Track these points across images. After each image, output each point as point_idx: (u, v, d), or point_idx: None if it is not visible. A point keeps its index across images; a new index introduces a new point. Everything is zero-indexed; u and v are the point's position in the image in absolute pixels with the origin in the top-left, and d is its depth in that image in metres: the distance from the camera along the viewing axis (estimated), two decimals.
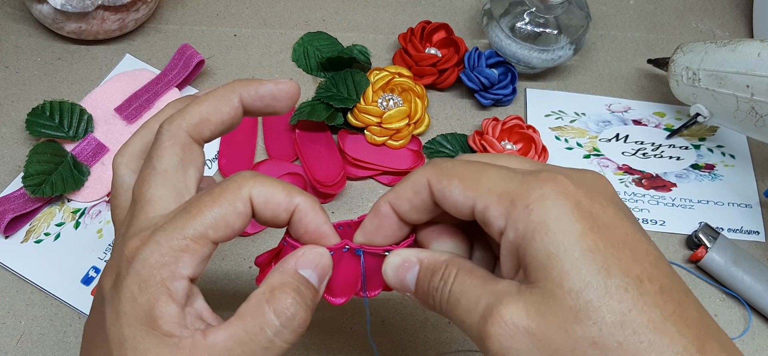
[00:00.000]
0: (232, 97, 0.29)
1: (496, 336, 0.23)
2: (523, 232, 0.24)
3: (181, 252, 0.25)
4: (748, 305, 0.44)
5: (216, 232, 0.25)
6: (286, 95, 0.30)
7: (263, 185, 0.26)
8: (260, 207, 0.26)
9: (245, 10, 0.56)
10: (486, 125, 0.48)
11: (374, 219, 0.29)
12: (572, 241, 0.23)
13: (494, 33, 0.51)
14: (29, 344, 0.40)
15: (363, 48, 0.52)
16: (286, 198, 0.27)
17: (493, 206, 0.25)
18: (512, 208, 0.24)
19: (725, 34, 0.58)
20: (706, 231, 0.45)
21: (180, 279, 0.24)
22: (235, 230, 0.26)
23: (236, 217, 0.26)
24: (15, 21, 0.53)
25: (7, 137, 0.47)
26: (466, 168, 0.26)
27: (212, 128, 0.29)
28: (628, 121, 0.52)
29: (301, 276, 0.27)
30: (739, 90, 0.44)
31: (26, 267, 0.42)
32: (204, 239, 0.25)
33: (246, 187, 0.26)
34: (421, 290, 0.27)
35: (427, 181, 0.27)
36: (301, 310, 0.26)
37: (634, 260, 0.23)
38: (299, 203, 0.27)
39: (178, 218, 0.25)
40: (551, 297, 0.23)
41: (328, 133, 0.48)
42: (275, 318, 0.25)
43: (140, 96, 0.48)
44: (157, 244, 0.24)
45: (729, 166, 0.50)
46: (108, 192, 0.45)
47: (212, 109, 0.28)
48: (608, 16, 0.59)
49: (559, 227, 0.23)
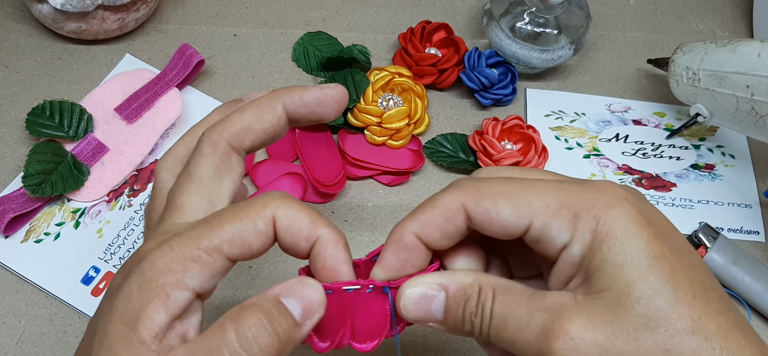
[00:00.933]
0: (276, 105, 0.28)
1: (561, 351, 0.22)
2: (591, 243, 0.23)
3: (192, 262, 0.24)
4: (748, 305, 0.44)
5: (231, 248, 0.24)
6: (332, 99, 0.29)
7: (290, 207, 0.25)
8: (282, 230, 0.25)
9: (245, 10, 0.56)
10: (486, 125, 0.48)
11: (399, 253, 0.26)
12: (640, 250, 0.23)
13: (494, 33, 0.51)
14: (29, 344, 0.40)
15: (363, 48, 0.52)
16: (310, 225, 0.25)
17: (554, 221, 0.24)
18: (577, 220, 0.24)
19: (725, 34, 0.58)
20: (706, 231, 0.45)
21: (184, 288, 0.23)
22: (252, 249, 0.25)
23: (255, 236, 0.24)
24: (15, 21, 0.53)
25: (7, 136, 0.47)
26: (507, 186, 0.25)
27: (254, 138, 0.28)
28: (628, 121, 0.52)
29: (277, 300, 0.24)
30: (739, 90, 0.44)
31: (26, 267, 0.42)
32: (217, 252, 0.24)
33: (271, 206, 0.25)
34: (451, 319, 0.25)
35: (463, 205, 0.25)
36: (264, 334, 0.23)
37: (694, 267, 0.23)
38: (323, 234, 0.25)
39: (198, 228, 0.24)
40: (618, 306, 0.22)
41: (328, 133, 0.48)
42: (235, 338, 0.23)
43: (140, 96, 0.48)
44: (170, 248, 0.24)
45: (729, 166, 0.50)
46: (108, 192, 0.45)
47: (254, 117, 0.27)
48: (608, 16, 0.59)
49: (627, 236, 0.23)
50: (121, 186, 0.46)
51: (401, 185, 0.47)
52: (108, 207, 0.45)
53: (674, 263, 0.23)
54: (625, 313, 0.22)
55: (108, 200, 0.45)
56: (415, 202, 0.46)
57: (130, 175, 0.46)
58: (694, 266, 0.23)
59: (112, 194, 0.45)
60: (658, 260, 0.22)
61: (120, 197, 0.45)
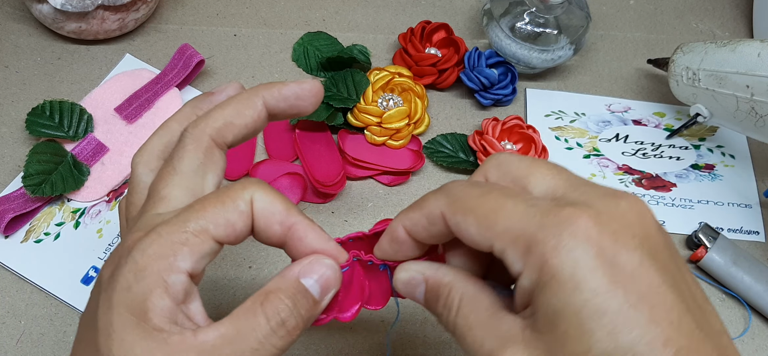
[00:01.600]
0: (256, 100, 0.29)
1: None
2: (536, 281, 0.22)
3: (181, 245, 0.24)
4: (748, 305, 0.44)
5: (217, 229, 0.25)
6: (309, 92, 0.30)
7: (266, 192, 0.26)
8: (258, 212, 0.26)
9: (245, 10, 0.56)
10: (486, 125, 0.48)
11: (392, 244, 0.28)
12: (583, 300, 0.21)
13: (494, 33, 0.51)
14: (29, 344, 0.40)
15: (363, 48, 0.52)
16: (284, 211, 0.26)
17: (509, 249, 0.23)
18: (528, 255, 0.22)
19: (725, 34, 0.58)
20: (706, 231, 0.45)
21: (178, 272, 0.24)
22: (236, 229, 0.26)
23: (238, 215, 0.26)
24: (15, 21, 0.53)
25: (7, 136, 0.47)
26: (481, 202, 0.24)
27: (235, 133, 0.29)
28: (628, 121, 0.52)
29: (300, 283, 0.26)
30: (739, 90, 0.44)
31: (26, 267, 0.42)
32: (204, 233, 0.25)
33: (249, 189, 0.26)
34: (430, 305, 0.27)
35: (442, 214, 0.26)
36: (292, 317, 0.25)
37: (650, 321, 0.21)
38: (298, 221, 0.27)
39: (182, 214, 0.25)
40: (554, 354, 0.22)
41: (328, 133, 0.48)
42: (266, 322, 0.25)
43: (140, 96, 0.48)
44: (158, 235, 0.24)
45: (729, 166, 0.50)
46: (108, 192, 0.45)
47: (236, 113, 0.28)
48: (608, 16, 0.59)
49: (572, 283, 0.21)
50: (121, 186, 0.46)
51: (401, 185, 0.47)
52: (108, 207, 0.45)
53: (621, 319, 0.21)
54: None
55: (108, 200, 0.45)
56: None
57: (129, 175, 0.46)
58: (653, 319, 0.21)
59: (112, 194, 0.45)
60: (600, 316, 0.21)
61: (120, 197, 0.45)
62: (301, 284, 0.26)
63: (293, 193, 0.46)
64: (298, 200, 0.46)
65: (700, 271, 0.45)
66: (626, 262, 0.21)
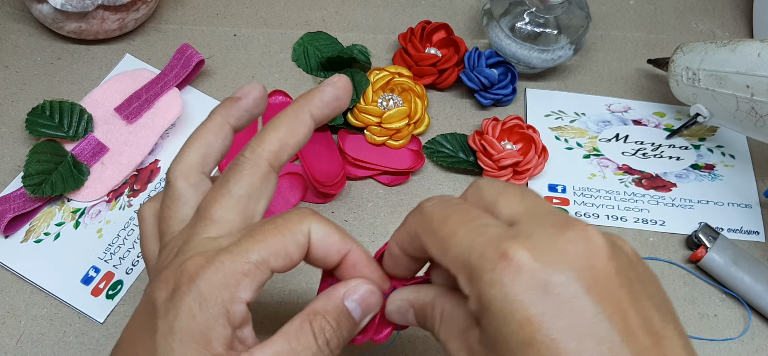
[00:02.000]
0: (304, 116, 0.30)
1: None
2: (477, 308, 0.23)
3: (243, 276, 0.25)
4: (748, 305, 0.44)
5: (276, 260, 0.26)
6: (344, 89, 0.31)
7: (322, 223, 0.27)
8: (315, 243, 0.27)
9: (245, 10, 0.56)
10: (486, 125, 0.48)
11: (390, 260, 0.29)
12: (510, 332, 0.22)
13: (494, 33, 0.51)
14: (29, 344, 0.40)
15: (363, 48, 0.52)
16: (340, 241, 0.28)
17: (459, 275, 0.24)
18: (471, 283, 0.24)
19: (725, 34, 0.58)
20: (705, 231, 0.45)
21: (240, 302, 0.25)
22: (293, 261, 0.27)
23: (296, 248, 0.27)
24: (15, 21, 0.53)
25: (7, 136, 0.47)
26: (442, 225, 0.25)
27: (290, 151, 0.29)
28: (628, 121, 0.52)
29: (344, 306, 0.28)
30: (739, 90, 0.44)
31: (26, 267, 0.42)
32: (265, 265, 0.26)
33: (307, 221, 0.27)
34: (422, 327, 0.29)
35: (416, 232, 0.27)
36: (335, 338, 0.27)
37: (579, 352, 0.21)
38: (352, 249, 0.28)
39: (243, 242, 0.26)
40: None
41: (328, 133, 0.48)
42: (313, 341, 0.26)
43: (140, 96, 0.48)
44: (221, 264, 0.25)
45: (729, 166, 0.50)
46: (108, 192, 0.45)
47: (290, 132, 0.29)
48: (608, 16, 0.59)
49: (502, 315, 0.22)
50: (121, 186, 0.46)
51: (401, 185, 0.47)
52: (108, 207, 0.45)
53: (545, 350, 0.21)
54: None
55: (108, 200, 0.45)
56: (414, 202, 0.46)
57: (130, 175, 0.46)
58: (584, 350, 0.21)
59: (112, 194, 0.45)
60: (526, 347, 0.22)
61: (120, 197, 0.45)
62: (345, 306, 0.28)
63: (293, 193, 0.46)
64: (298, 200, 0.46)
65: (700, 271, 0.45)
66: (559, 294, 0.22)
